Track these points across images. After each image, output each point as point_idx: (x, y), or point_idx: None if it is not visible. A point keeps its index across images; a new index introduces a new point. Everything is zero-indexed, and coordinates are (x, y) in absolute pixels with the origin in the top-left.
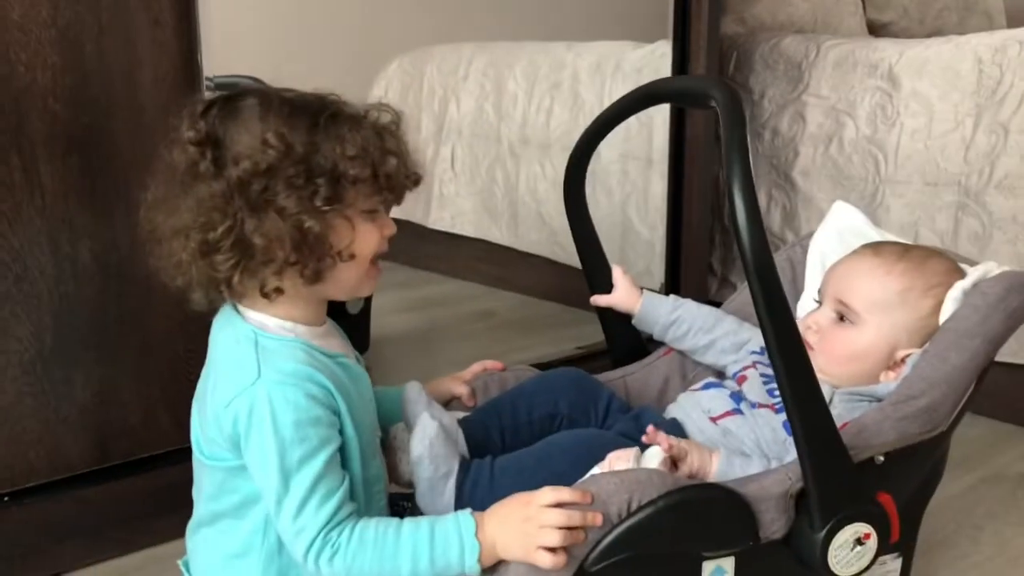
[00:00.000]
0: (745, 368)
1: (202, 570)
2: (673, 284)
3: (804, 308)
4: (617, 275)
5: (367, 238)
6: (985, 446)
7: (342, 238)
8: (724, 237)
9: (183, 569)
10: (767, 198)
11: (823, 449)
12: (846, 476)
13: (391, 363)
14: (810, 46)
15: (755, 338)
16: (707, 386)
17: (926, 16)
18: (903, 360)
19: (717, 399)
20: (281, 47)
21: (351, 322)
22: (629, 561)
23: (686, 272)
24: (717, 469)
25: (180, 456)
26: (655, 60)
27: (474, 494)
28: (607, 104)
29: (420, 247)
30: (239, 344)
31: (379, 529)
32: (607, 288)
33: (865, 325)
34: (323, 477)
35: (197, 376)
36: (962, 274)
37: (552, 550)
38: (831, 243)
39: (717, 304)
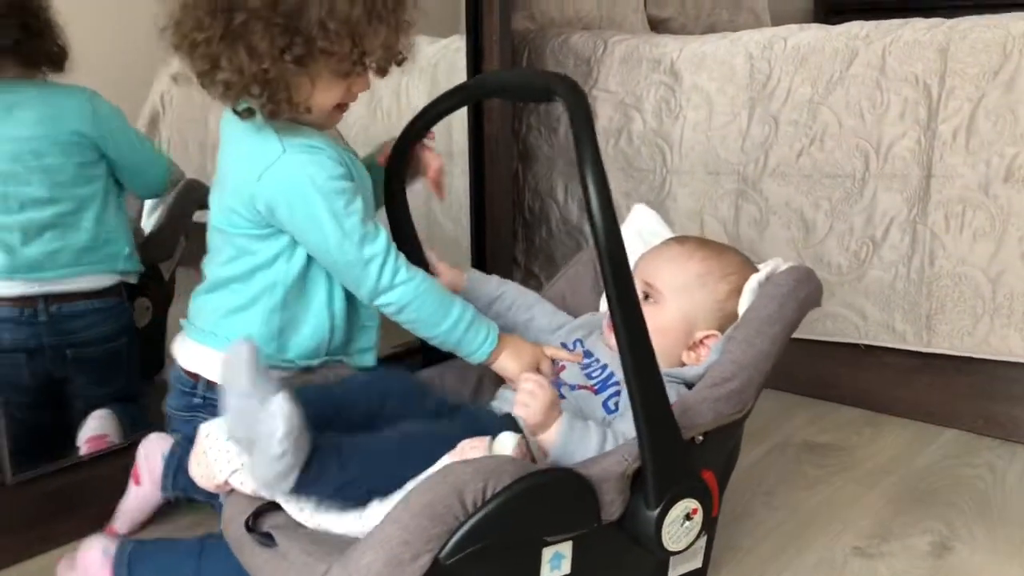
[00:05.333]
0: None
1: (203, 325)
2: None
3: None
4: (434, 260)
5: (328, 95)
6: (772, 417)
7: (301, 92)
8: (525, 231)
9: (183, 327)
10: (564, 191)
11: (660, 429)
12: (679, 455)
13: None
14: (597, 42)
15: (570, 329)
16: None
17: (700, 12)
18: (702, 341)
19: None
20: None
21: (142, 337)
22: (480, 552)
23: (492, 265)
24: (559, 430)
25: None
26: (450, 54)
27: (321, 475)
28: (402, 98)
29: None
30: (255, 127)
31: (437, 284)
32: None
33: (667, 303)
34: (367, 216)
35: None
36: (754, 268)
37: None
38: (632, 242)
39: None
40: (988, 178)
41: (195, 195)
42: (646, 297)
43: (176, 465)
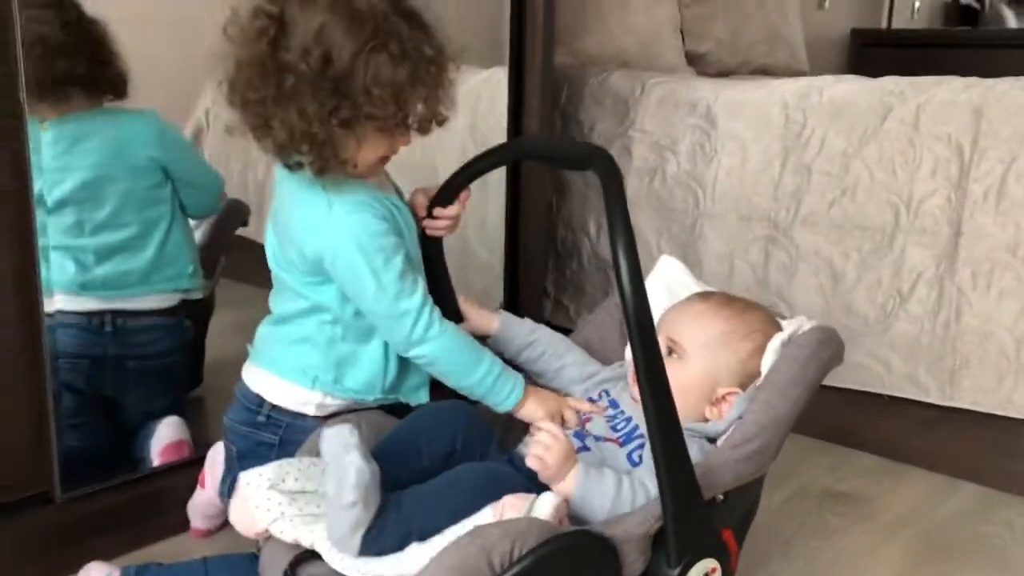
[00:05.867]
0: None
1: (269, 352)
2: (512, 305)
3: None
4: (463, 305)
5: (374, 150)
6: (794, 462)
7: (347, 150)
8: (556, 261)
9: (249, 352)
10: (597, 226)
11: (683, 492)
12: (701, 515)
13: (226, 390)
14: (635, 84)
15: (599, 380)
16: None
17: (738, 48)
18: (724, 398)
19: None
20: None
21: (184, 359)
22: None
23: (524, 294)
24: (575, 478)
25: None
26: (491, 87)
27: (383, 529)
28: (443, 129)
29: (255, 263)
30: (306, 182)
31: (468, 337)
32: (456, 318)
33: (691, 360)
34: (406, 271)
35: None
36: (778, 326)
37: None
38: (659, 294)
39: (552, 325)
40: (1017, 239)
41: (238, 216)
42: (670, 352)
43: (226, 472)
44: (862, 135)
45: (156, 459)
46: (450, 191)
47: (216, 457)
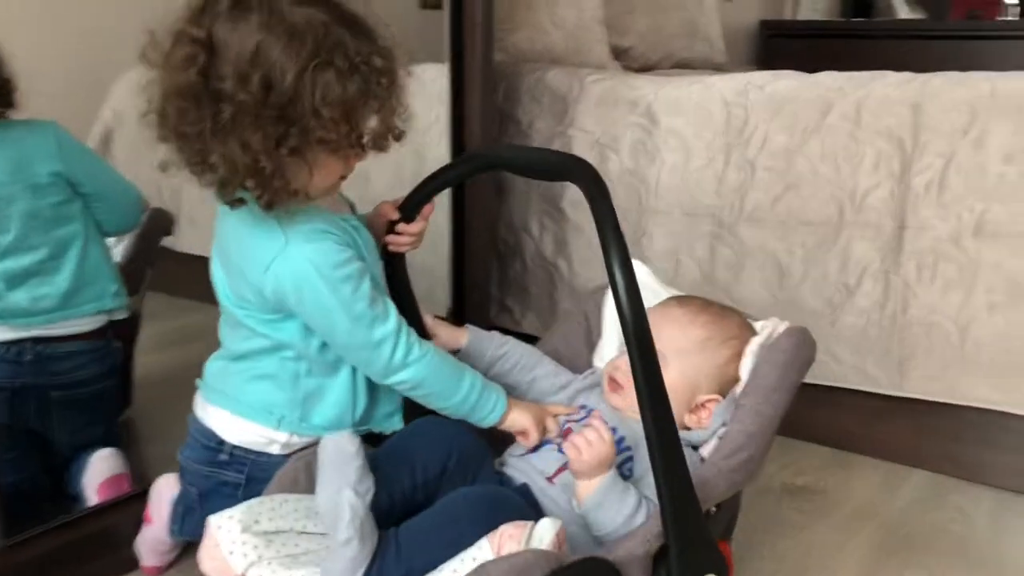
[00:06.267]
0: (569, 421)
1: (225, 389)
2: (458, 308)
3: (600, 355)
4: (430, 323)
5: (327, 174)
6: None
7: (298, 179)
8: (499, 263)
9: (200, 388)
10: (539, 227)
11: (684, 507)
12: (700, 530)
13: (158, 410)
14: (573, 81)
15: (573, 391)
16: (533, 448)
17: (659, 42)
18: (704, 404)
19: (546, 458)
20: None
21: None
22: None
23: (470, 297)
24: (600, 485)
25: None
26: (423, 85)
27: (383, 569)
28: None
29: (173, 272)
30: (256, 212)
31: (446, 356)
32: (423, 336)
33: (669, 367)
34: (375, 296)
35: None
36: (753, 330)
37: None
38: None
39: (498, 328)
40: (959, 231)
41: (162, 226)
42: None
43: (183, 512)
44: (804, 130)
45: (94, 496)
46: (413, 206)
47: (162, 490)
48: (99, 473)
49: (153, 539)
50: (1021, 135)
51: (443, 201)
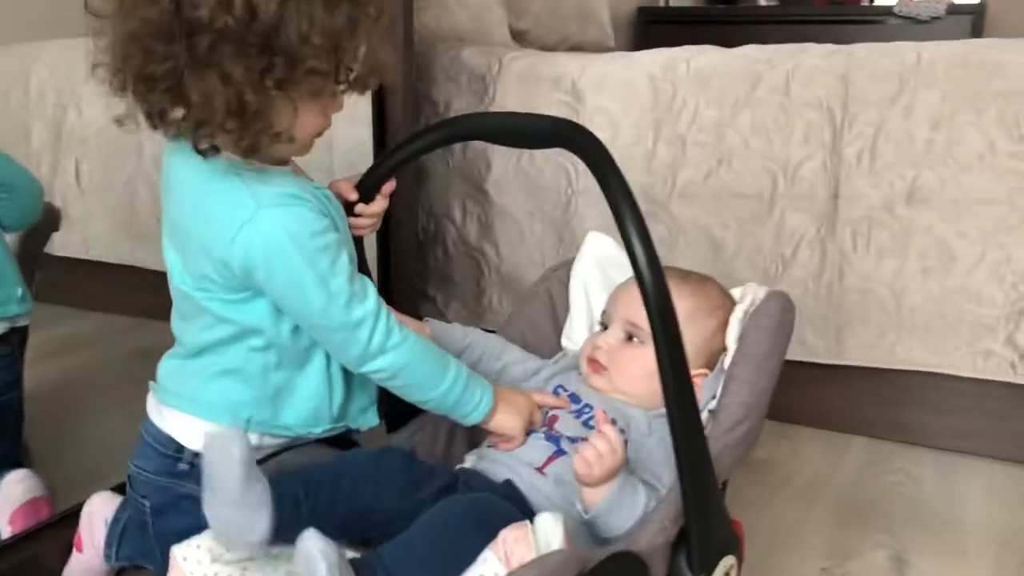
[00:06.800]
0: (554, 412)
1: (182, 390)
2: (387, 299)
3: (570, 336)
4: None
5: (311, 121)
6: None
7: (283, 119)
8: (420, 252)
9: (153, 390)
10: (462, 211)
11: (704, 491)
12: (719, 511)
13: (50, 428)
14: (492, 59)
15: (546, 376)
16: None
17: (555, 24)
18: (693, 379)
19: (535, 448)
20: None
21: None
22: None
23: (396, 288)
24: (608, 492)
25: None
26: None
27: None
28: None
29: (49, 277)
30: (217, 176)
31: (429, 343)
32: None
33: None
34: (354, 272)
35: None
36: (731, 297)
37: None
38: (591, 272)
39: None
40: (891, 198)
41: (50, 222)
42: (630, 338)
43: (121, 532)
44: (734, 104)
45: (7, 526)
46: (373, 183)
47: (96, 511)
48: (12, 499)
49: (84, 569)
50: (948, 102)
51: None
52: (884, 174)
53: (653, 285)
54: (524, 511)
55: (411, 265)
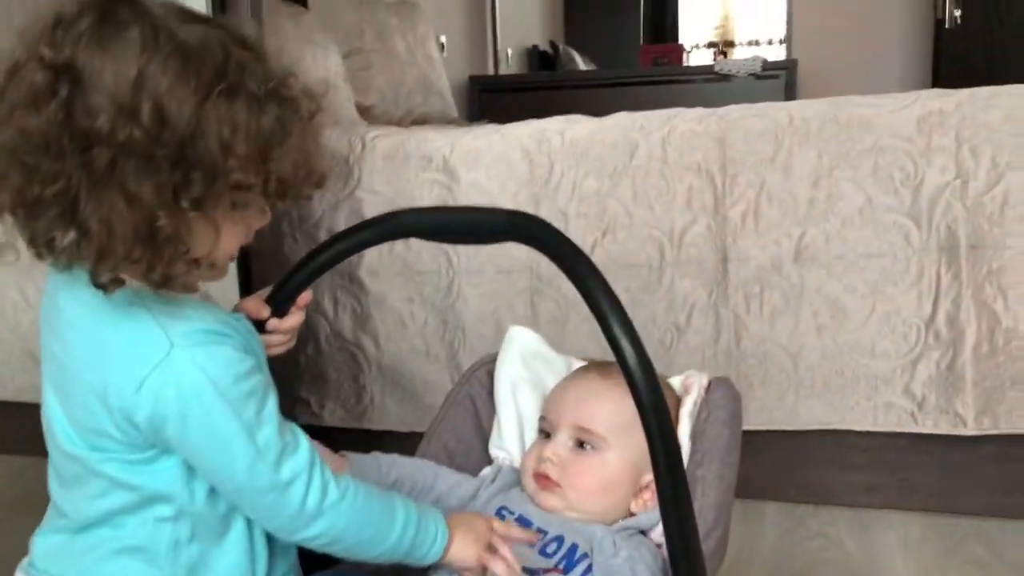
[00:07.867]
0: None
1: (66, 572)
2: None
3: (500, 444)
4: None
5: (232, 240)
6: None
7: (202, 243)
8: (288, 352)
9: (25, 572)
10: (333, 303)
11: None
12: None
13: None
14: (353, 139)
15: (487, 498)
16: None
17: (399, 98)
18: (648, 485)
19: None
20: None
21: None
22: None
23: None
24: None
25: None
26: None
27: None
28: None
29: None
30: (119, 310)
31: (369, 486)
32: None
33: (610, 450)
34: (282, 420)
35: None
36: (672, 389)
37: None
38: (517, 370)
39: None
40: (779, 258)
41: None
42: (581, 444)
43: None
44: (613, 173)
45: None
46: (286, 295)
47: None
48: None
49: None
50: (825, 158)
51: (229, 286)
52: (770, 234)
53: (646, 386)
54: None
55: (280, 366)
